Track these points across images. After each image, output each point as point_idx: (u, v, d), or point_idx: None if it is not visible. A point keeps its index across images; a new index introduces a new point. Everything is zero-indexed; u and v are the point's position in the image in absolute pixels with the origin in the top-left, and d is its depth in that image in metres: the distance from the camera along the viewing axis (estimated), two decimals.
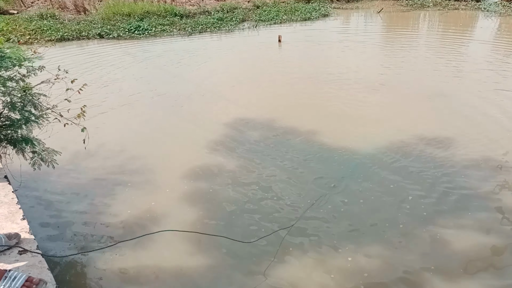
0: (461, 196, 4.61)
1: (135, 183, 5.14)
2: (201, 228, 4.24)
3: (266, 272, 3.62)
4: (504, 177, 4.94)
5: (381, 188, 4.81)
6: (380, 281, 3.49)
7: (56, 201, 4.82)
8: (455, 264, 3.63)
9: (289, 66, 10.23)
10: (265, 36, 14.02)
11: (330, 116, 6.95)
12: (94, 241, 4.10)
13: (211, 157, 5.74)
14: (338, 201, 4.59)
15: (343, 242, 3.95)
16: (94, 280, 3.60)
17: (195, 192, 4.91)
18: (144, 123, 7.10)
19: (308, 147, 5.86)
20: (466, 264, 3.63)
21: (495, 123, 6.42)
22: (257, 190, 4.87)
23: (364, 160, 5.45)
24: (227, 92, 8.45)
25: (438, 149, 5.66)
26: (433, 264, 3.63)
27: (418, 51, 11.37)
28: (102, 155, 5.88)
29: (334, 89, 8.27)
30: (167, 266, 3.77)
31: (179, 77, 9.68)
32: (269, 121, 6.82)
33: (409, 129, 6.27)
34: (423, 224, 4.16)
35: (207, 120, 7.05)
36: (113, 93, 8.59)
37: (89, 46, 13.08)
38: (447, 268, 3.60)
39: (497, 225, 4.14)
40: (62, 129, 4.26)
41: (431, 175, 5.02)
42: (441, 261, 3.67)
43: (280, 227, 4.20)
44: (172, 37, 14.17)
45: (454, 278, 3.49)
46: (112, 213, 4.55)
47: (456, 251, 3.79)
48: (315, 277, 3.56)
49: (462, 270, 3.56)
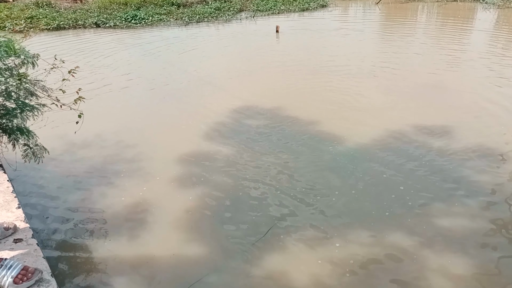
0: (456, 185, 4.63)
1: (131, 172, 5.15)
2: (196, 215, 4.26)
3: (258, 261, 3.64)
4: (503, 167, 4.95)
5: (375, 176, 4.82)
6: (366, 265, 3.52)
7: (52, 189, 4.82)
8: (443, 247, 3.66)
9: (286, 56, 10.19)
10: (262, 26, 13.96)
11: (327, 105, 6.95)
12: (89, 229, 4.11)
13: (206, 145, 5.74)
14: (331, 189, 4.60)
15: (331, 229, 3.97)
16: (90, 268, 3.62)
17: (190, 179, 4.91)
18: (140, 112, 7.10)
19: (303, 136, 5.86)
20: (455, 246, 3.67)
21: (492, 113, 6.43)
22: (251, 178, 4.88)
23: (359, 149, 5.46)
24: (224, 82, 8.43)
25: (435, 138, 5.66)
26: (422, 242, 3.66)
27: (416, 41, 11.35)
28: (97, 144, 5.87)
29: (331, 79, 8.26)
30: (161, 254, 3.79)
31: (175, 66, 9.64)
32: (266, 110, 6.82)
33: (406, 118, 6.27)
34: (414, 211, 4.19)
35: (202, 109, 7.03)
36: (108, 81, 8.55)
37: (85, 35, 13.00)
38: (435, 245, 3.63)
39: (491, 213, 4.16)
40: (58, 118, 4.26)
41: (427, 165, 5.03)
42: (431, 240, 3.70)
43: (272, 217, 4.22)
44: (169, 27, 14.09)
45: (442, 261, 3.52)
46: (108, 202, 4.55)
47: (446, 237, 3.82)
48: (304, 262, 3.59)
49: (451, 251, 3.60)
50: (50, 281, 2.79)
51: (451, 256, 3.63)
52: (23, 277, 2.76)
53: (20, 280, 2.74)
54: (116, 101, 7.65)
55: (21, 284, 2.73)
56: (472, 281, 3.36)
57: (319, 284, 3.40)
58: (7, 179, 3.95)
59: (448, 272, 3.46)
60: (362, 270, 3.51)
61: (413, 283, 3.37)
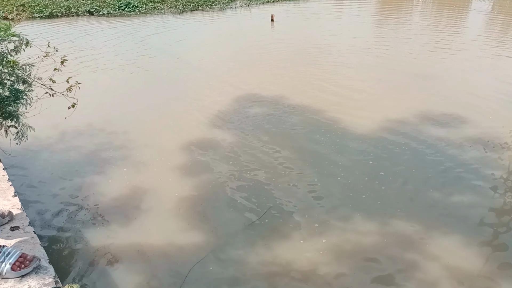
0: (453, 174, 4.67)
1: (124, 160, 5.15)
2: (190, 202, 4.28)
3: (254, 249, 3.68)
4: (499, 154, 5.00)
5: (367, 165, 4.86)
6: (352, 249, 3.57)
7: (47, 178, 4.82)
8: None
9: (281, 45, 10.17)
10: (257, 14, 13.89)
11: (323, 94, 6.96)
12: (85, 217, 4.13)
13: (200, 132, 5.75)
14: (325, 177, 4.64)
15: (316, 214, 4.00)
16: (86, 255, 3.64)
17: (184, 167, 4.93)
18: (132, 99, 7.08)
19: (298, 124, 5.88)
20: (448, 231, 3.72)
21: (486, 101, 6.48)
22: (247, 165, 4.90)
23: (354, 136, 5.48)
24: (218, 71, 8.41)
25: (431, 125, 5.69)
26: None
27: (412, 30, 11.35)
28: (90, 132, 5.86)
29: (327, 68, 8.27)
30: (157, 240, 3.82)
31: (170, 55, 9.59)
32: (260, 98, 6.82)
33: (402, 107, 6.30)
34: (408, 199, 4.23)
35: (196, 96, 7.03)
36: (100, 69, 8.50)
37: (78, 23, 12.86)
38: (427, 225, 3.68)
39: (488, 200, 4.21)
40: (51, 107, 4.23)
41: (421, 152, 5.08)
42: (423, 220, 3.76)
43: (265, 202, 4.24)
44: (163, 15, 13.97)
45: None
46: (103, 190, 4.57)
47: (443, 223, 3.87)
48: (304, 248, 3.63)
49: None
50: (48, 268, 2.80)
51: (451, 241, 3.69)
52: (21, 264, 2.77)
53: (18, 267, 2.75)
54: (108, 89, 7.61)
55: (19, 271, 2.74)
56: (469, 264, 3.42)
57: (313, 266, 3.44)
58: (2, 168, 3.94)
59: (446, 256, 3.52)
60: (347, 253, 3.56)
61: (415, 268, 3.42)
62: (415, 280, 3.28)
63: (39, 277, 2.71)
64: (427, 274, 3.33)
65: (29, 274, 2.76)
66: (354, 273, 3.38)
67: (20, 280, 2.69)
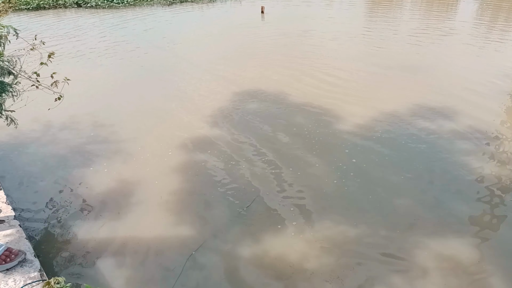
0: (442, 167, 4.70)
1: (111, 152, 5.11)
2: (180, 195, 4.28)
3: (241, 236, 3.69)
4: (490, 147, 5.04)
5: (355, 159, 4.88)
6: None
7: (33, 172, 4.77)
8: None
9: (271, 37, 10.13)
10: (247, 6, 13.80)
11: (313, 88, 6.96)
12: (72, 211, 4.10)
13: (188, 124, 5.72)
14: (314, 168, 4.66)
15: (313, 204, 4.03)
16: (73, 249, 3.61)
17: (174, 160, 4.91)
18: (120, 93, 7.03)
19: (288, 118, 5.88)
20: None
21: (476, 92, 6.52)
22: (236, 158, 4.90)
23: (343, 129, 5.50)
24: (207, 63, 8.37)
25: (421, 118, 5.73)
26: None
27: (402, 22, 11.36)
28: (76, 125, 5.81)
29: (317, 61, 8.26)
30: (145, 234, 3.80)
31: (158, 47, 9.52)
32: (250, 92, 6.81)
33: (392, 99, 6.33)
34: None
35: (185, 90, 7.00)
36: (89, 62, 8.42)
37: (66, 15, 12.69)
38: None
39: (478, 193, 4.25)
40: (36, 99, 4.16)
41: (411, 145, 5.11)
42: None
43: (256, 195, 4.25)
44: (152, 6, 13.84)
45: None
46: (90, 183, 4.53)
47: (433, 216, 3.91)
48: (294, 240, 3.65)
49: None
50: (34, 262, 2.80)
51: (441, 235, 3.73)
52: (7, 258, 2.76)
53: (3, 261, 2.74)
54: (95, 82, 7.54)
55: (4, 265, 2.73)
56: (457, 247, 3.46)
57: (301, 255, 3.46)
58: None
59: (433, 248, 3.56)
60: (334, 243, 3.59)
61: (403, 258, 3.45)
62: (405, 272, 3.31)
63: (24, 270, 2.71)
64: (418, 266, 3.36)
65: (14, 268, 2.75)
66: (344, 265, 3.40)
67: (5, 274, 2.68)
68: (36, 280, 2.61)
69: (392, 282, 3.20)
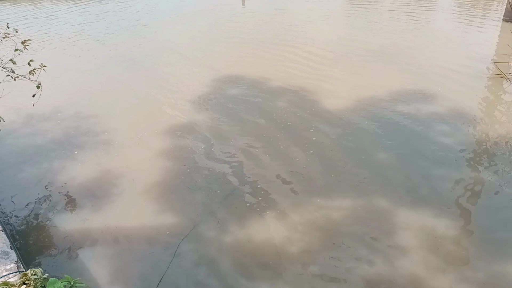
0: (423, 147, 4.72)
1: (92, 143, 5.03)
2: (162, 185, 4.25)
3: (225, 222, 3.69)
4: (468, 128, 5.08)
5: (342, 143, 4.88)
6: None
7: (12, 163, 4.68)
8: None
9: (252, 26, 10.04)
10: None
11: (294, 73, 6.91)
12: (52, 202, 4.04)
13: (170, 113, 5.65)
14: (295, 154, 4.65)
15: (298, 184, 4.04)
16: (54, 241, 3.57)
17: (157, 150, 4.85)
18: (101, 82, 6.90)
19: (269, 102, 5.84)
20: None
21: (454, 79, 6.56)
22: (220, 146, 4.84)
23: (325, 115, 5.48)
24: (187, 51, 8.25)
25: (401, 101, 5.72)
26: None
27: (383, 13, 11.36)
28: (57, 115, 5.69)
29: (297, 49, 8.19)
30: (128, 226, 3.77)
31: (137, 34, 9.36)
32: (233, 79, 6.74)
33: (373, 85, 6.31)
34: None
35: (165, 76, 6.90)
36: (67, 51, 8.25)
37: (42, 4, 12.37)
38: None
39: (457, 172, 4.30)
40: (13, 90, 4.08)
41: (393, 127, 5.11)
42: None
43: (239, 182, 4.24)
44: None
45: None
46: (70, 174, 4.47)
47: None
48: (277, 225, 3.66)
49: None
50: (10, 254, 2.77)
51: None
52: None
53: None
54: (74, 71, 7.39)
55: None
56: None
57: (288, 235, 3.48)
58: None
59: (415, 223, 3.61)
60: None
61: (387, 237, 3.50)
62: (388, 248, 3.36)
63: (1, 263, 2.68)
64: (399, 242, 3.42)
65: None
66: (327, 246, 3.43)
67: None
68: (12, 272, 2.58)
69: (375, 261, 3.24)
